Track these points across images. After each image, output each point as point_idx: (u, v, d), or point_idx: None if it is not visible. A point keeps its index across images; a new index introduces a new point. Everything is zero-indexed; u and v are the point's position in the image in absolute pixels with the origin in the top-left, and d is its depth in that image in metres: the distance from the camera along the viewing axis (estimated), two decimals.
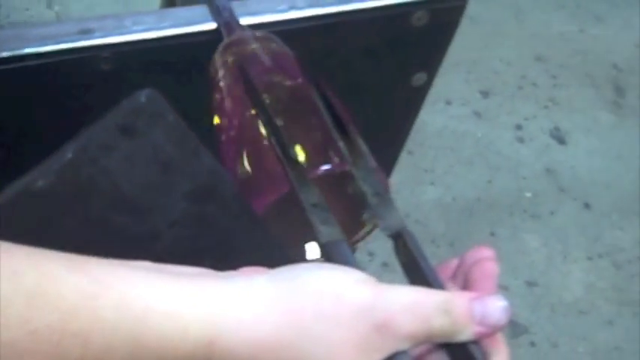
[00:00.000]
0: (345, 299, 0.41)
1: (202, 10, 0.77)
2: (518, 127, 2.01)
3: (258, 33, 0.72)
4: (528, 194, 1.87)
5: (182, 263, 0.57)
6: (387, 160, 0.96)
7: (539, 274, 1.72)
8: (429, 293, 0.43)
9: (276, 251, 0.61)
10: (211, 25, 0.75)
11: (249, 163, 0.62)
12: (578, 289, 1.71)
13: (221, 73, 0.69)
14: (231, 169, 0.63)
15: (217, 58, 0.70)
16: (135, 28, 0.75)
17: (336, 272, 0.43)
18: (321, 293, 0.41)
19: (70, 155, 0.60)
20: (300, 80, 0.66)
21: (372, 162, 0.58)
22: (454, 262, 0.49)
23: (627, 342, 1.63)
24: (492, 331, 0.43)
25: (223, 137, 0.66)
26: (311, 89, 0.63)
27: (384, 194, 0.51)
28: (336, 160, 0.58)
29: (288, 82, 0.66)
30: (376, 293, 0.42)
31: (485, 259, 0.47)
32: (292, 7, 0.79)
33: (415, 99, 0.90)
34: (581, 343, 1.62)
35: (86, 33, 0.74)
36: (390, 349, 0.41)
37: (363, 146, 0.59)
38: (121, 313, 0.39)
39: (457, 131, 1.96)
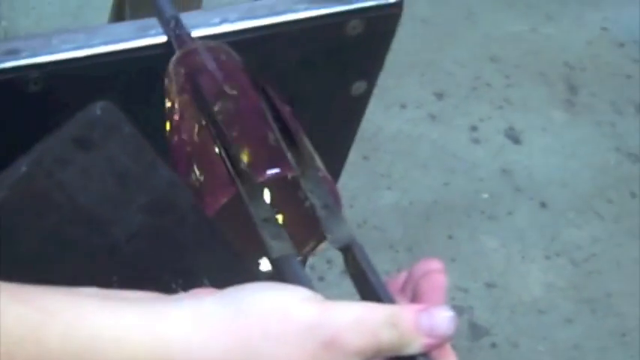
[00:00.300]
0: (291, 318, 0.41)
1: (133, 25, 0.76)
2: (474, 129, 2.01)
3: (211, 44, 0.71)
4: (485, 195, 1.88)
5: (141, 277, 0.56)
6: (332, 170, 0.95)
7: (498, 275, 1.72)
8: (376, 307, 0.43)
9: (236, 264, 0.60)
10: (155, 40, 0.74)
11: (200, 167, 0.61)
12: (536, 288, 1.71)
13: (174, 84, 0.68)
14: (182, 173, 0.63)
15: (171, 70, 0.69)
16: (63, 46, 0.73)
17: (282, 292, 0.43)
18: (267, 313, 0.41)
19: (24, 169, 0.59)
20: (248, 90, 0.65)
21: (321, 172, 0.57)
22: (403, 276, 0.49)
23: (586, 339, 1.64)
24: (441, 342, 0.43)
25: (174, 141, 0.65)
26: (259, 99, 0.62)
27: (332, 206, 0.51)
28: (285, 165, 0.57)
29: (236, 92, 0.65)
30: (322, 310, 0.42)
31: (434, 272, 0.47)
32: (224, 21, 0.77)
33: (356, 107, 0.89)
34: (542, 342, 1.63)
35: (12, 54, 0.72)
36: None
37: (313, 157, 0.59)
38: (67, 342, 0.38)
39: (412, 135, 1.96)
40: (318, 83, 0.85)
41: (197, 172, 0.62)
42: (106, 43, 0.74)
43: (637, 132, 2.09)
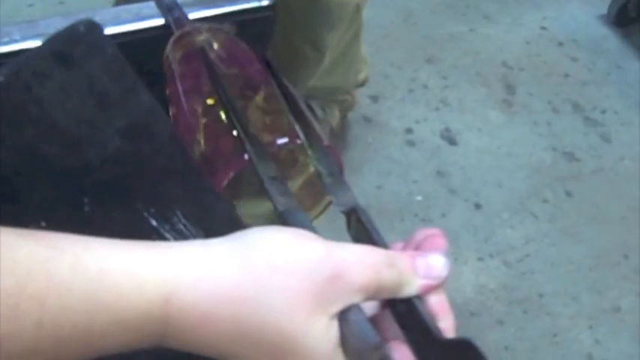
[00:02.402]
0: (298, 253, 0.42)
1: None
2: (409, 131, 2.00)
3: (207, 25, 0.72)
4: (419, 198, 1.86)
5: (113, 201, 0.57)
6: None
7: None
8: (376, 249, 0.46)
9: (210, 195, 0.60)
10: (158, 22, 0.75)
11: (204, 147, 0.63)
12: (468, 290, 1.70)
13: (174, 65, 0.69)
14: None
15: (169, 50, 0.70)
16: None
17: (289, 231, 0.45)
18: (275, 248, 0.43)
19: (0, 78, 0.58)
20: (247, 66, 0.68)
21: (326, 142, 0.61)
22: (399, 244, 0.51)
23: (517, 340, 1.63)
24: (436, 283, 0.46)
25: (179, 124, 0.66)
26: (265, 76, 0.65)
27: (337, 174, 0.55)
28: (292, 135, 0.60)
29: (236, 69, 0.68)
30: (328, 247, 0.43)
31: (435, 235, 0.50)
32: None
33: None
34: None
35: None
36: (344, 301, 0.43)
37: (318, 129, 0.62)
38: (76, 273, 0.39)
39: (346, 137, 1.95)
40: None
41: (201, 149, 0.63)
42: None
43: (573, 131, 2.09)
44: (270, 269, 0.42)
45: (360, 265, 0.43)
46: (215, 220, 0.60)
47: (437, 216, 1.83)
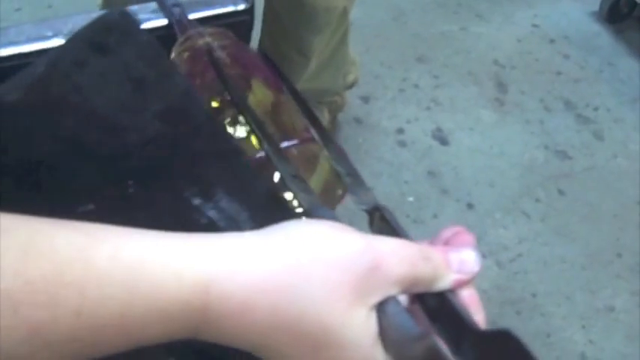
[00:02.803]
0: (338, 245, 0.42)
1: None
2: (400, 131, 1.99)
3: (211, 29, 0.72)
4: (411, 199, 1.85)
5: (156, 182, 0.58)
6: None
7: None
8: (411, 243, 0.46)
9: (249, 177, 0.60)
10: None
11: None
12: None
13: (180, 67, 0.69)
14: None
15: (174, 54, 0.70)
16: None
17: (324, 223, 0.44)
18: (315, 239, 0.42)
19: (41, 69, 0.59)
20: (252, 69, 0.68)
21: (340, 147, 0.61)
22: (425, 242, 0.50)
23: None
24: (469, 278, 0.46)
25: None
26: (274, 79, 0.66)
27: (355, 174, 0.55)
28: (303, 136, 0.61)
29: (240, 71, 0.68)
30: (367, 239, 0.43)
31: (462, 232, 0.50)
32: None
33: None
34: None
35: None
36: (381, 293, 0.42)
37: (330, 131, 0.62)
38: (115, 262, 0.39)
39: (337, 139, 1.93)
40: None
41: None
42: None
43: (566, 129, 2.08)
44: (310, 260, 0.41)
45: (397, 257, 0.43)
46: (255, 196, 0.60)
47: (429, 217, 1.82)
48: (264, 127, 0.58)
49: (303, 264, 0.41)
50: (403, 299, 0.47)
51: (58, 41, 0.71)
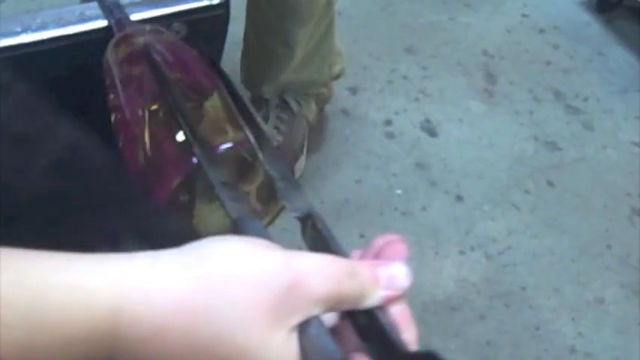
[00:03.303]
0: (254, 262, 0.40)
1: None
2: (388, 123, 1.97)
3: (148, 27, 0.70)
4: (399, 191, 1.84)
5: (55, 240, 0.53)
6: None
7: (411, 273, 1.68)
8: (337, 259, 0.44)
9: (160, 218, 0.58)
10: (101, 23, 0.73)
11: (149, 152, 0.61)
12: (450, 285, 1.68)
13: (114, 69, 0.66)
14: (131, 162, 0.62)
15: (109, 54, 0.67)
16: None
17: (243, 240, 0.42)
18: (230, 257, 0.41)
19: None
20: (192, 69, 0.65)
21: (278, 147, 0.61)
22: (357, 253, 0.49)
23: (499, 335, 1.60)
24: (398, 295, 0.45)
25: (122, 131, 0.64)
26: (209, 76, 0.63)
27: (290, 178, 0.52)
28: (237, 139, 0.59)
29: (178, 73, 0.65)
30: (286, 256, 0.42)
31: (395, 241, 0.48)
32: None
33: None
34: (454, 340, 1.59)
35: None
36: (303, 312, 0.41)
37: (268, 133, 0.59)
38: (19, 290, 0.37)
39: (324, 131, 1.91)
40: None
41: (146, 154, 0.60)
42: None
43: (555, 119, 2.06)
44: (225, 279, 0.40)
45: (320, 275, 0.41)
46: (169, 236, 0.57)
47: (417, 209, 1.80)
48: (196, 129, 0.56)
49: (217, 284, 0.40)
50: (332, 315, 0.46)
51: (26, 37, 0.69)
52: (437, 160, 1.91)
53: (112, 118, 0.65)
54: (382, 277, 0.44)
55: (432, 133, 1.97)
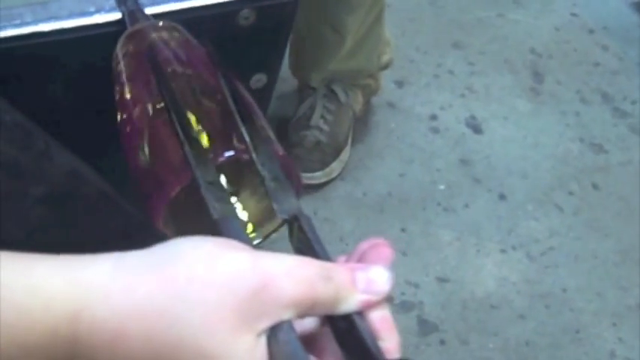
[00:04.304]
0: (220, 262, 0.39)
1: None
2: (433, 118, 1.96)
3: (162, 22, 0.68)
4: (442, 187, 1.83)
5: None
6: None
7: (451, 269, 1.68)
8: (311, 261, 0.42)
9: (159, 242, 0.56)
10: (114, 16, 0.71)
11: (151, 155, 0.59)
12: (490, 283, 1.67)
13: (122, 63, 0.65)
14: (132, 161, 0.60)
15: (120, 49, 0.66)
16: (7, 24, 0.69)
17: (211, 241, 0.41)
18: (194, 258, 0.39)
19: None
20: (202, 68, 0.63)
21: (276, 148, 0.57)
22: (342, 258, 0.48)
23: (538, 336, 1.59)
24: (377, 299, 0.42)
25: (127, 130, 0.62)
26: (216, 77, 0.61)
27: (282, 180, 0.51)
28: (240, 147, 0.57)
29: (190, 71, 0.64)
30: (254, 257, 0.40)
31: (380, 245, 0.46)
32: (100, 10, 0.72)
33: (257, 101, 0.84)
34: (492, 339, 1.58)
35: None
36: (272, 317, 0.39)
37: (268, 132, 0.59)
38: None
39: (369, 123, 1.91)
40: None
41: (147, 157, 0.59)
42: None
43: (602, 122, 2.04)
44: (187, 281, 0.38)
45: (290, 278, 0.39)
46: None
47: (460, 206, 1.80)
48: (190, 129, 0.54)
49: (179, 285, 0.38)
50: (312, 320, 0.44)
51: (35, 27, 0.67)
52: (481, 158, 1.90)
53: (118, 116, 0.63)
54: (360, 280, 0.42)
55: (476, 129, 1.96)
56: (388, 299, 0.43)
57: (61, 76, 0.68)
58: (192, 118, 0.57)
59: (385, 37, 1.77)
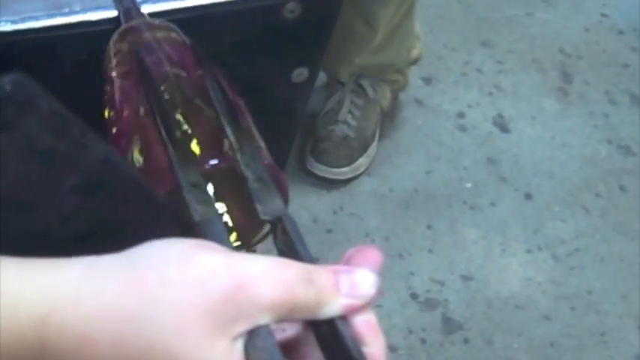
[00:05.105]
0: (192, 262, 0.37)
1: None
2: (461, 115, 1.95)
3: (157, 21, 0.68)
4: (468, 185, 1.82)
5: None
6: (276, 159, 0.90)
7: (477, 268, 1.67)
8: (290, 262, 0.40)
9: (183, 235, 0.56)
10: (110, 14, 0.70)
11: (140, 156, 0.58)
12: (515, 283, 1.66)
13: (114, 62, 0.64)
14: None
15: (112, 47, 0.66)
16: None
17: (185, 242, 0.39)
18: (165, 259, 0.38)
19: None
20: (195, 71, 0.62)
21: (263, 156, 0.56)
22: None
23: (563, 337, 1.59)
24: (360, 304, 0.40)
25: (114, 130, 0.61)
26: (203, 77, 0.59)
27: (266, 180, 0.49)
28: (229, 153, 0.55)
29: (183, 73, 0.62)
30: (229, 257, 0.38)
31: (369, 249, 0.44)
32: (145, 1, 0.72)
33: (298, 95, 0.84)
34: (517, 339, 1.58)
35: None
36: (248, 321, 0.37)
37: (252, 132, 0.58)
38: None
39: (396, 119, 1.90)
40: (256, 69, 0.80)
41: (135, 159, 0.58)
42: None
43: (630, 124, 2.02)
44: (158, 282, 0.36)
45: (268, 280, 0.37)
46: None
47: (486, 204, 1.79)
48: (174, 129, 0.53)
49: (150, 287, 0.36)
50: (295, 324, 0.43)
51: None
52: (508, 157, 1.89)
53: (105, 113, 0.63)
54: (343, 284, 0.40)
55: (504, 128, 1.95)
56: (373, 303, 0.41)
57: (55, 74, 0.67)
58: (181, 121, 0.55)
59: (415, 32, 1.76)
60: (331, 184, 1.74)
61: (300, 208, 1.69)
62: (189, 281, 0.36)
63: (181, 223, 0.55)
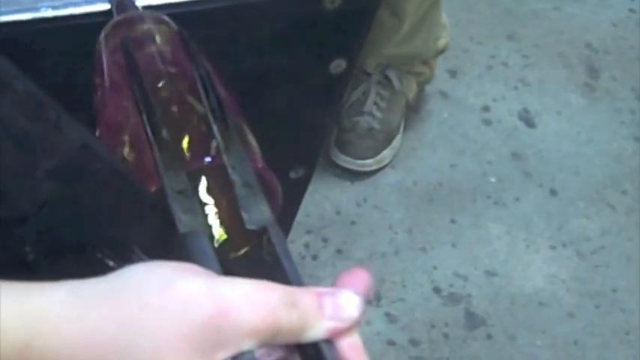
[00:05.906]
0: (174, 288, 0.37)
1: None
2: (486, 109, 1.94)
3: (150, 14, 0.65)
4: (493, 179, 1.81)
5: (58, 247, 0.52)
6: (309, 151, 0.90)
7: (500, 263, 1.66)
8: (272, 285, 0.39)
9: (170, 233, 0.53)
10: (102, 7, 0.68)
11: (127, 153, 0.57)
12: (539, 279, 1.65)
13: (105, 56, 0.62)
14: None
15: (102, 39, 0.64)
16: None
17: (168, 266, 0.39)
18: (147, 285, 0.37)
19: None
20: (186, 66, 0.59)
21: (255, 158, 0.54)
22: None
23: (587, 335, 1.57)
24: (345, 327, 0.39)
25: (103, 126, 0.60)
26: (193, 74, 0.57)
27: (254, 186, 0.48)
28: (214, 156, 0.53)
29: (174, 69, 0.60)
30: (210, 282, 0.38)
31: (358, 271, 0.43)
32: None
33: (335, 87, 0.83)
34: (540, 336, 1.57)
35: None
36: (230, 347, 0.36)
37: (243, 133, 0.55)
38: None
39: (421, 112, 1.89)
40: (294, 60, 0.80)
41: (124, 155, 0.57)
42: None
43: None
44: (139, 308, 0.36)
45: (250, 304, 0.37)
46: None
47: (510, 199, 1.77)
48: (160, 130, 0.51)
49: (130, 313, 0.36)
50: (280, 347, 0.42)
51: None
52: (533, 152, 1.88)
53: (96, 108, 0.61)
54: (327, 306, 0.39)
55: (529, 123, 1.93)
56: (359, 323, 0.40)
57: (46, 66, 0.66)
58: (170, 119, 0.54)
59: (442, 21, 1.75)
60: (355, 175, 1.73)
61: (324, 199, 1.68)
62: (169, 307, 0.36)
63: (161, 213, 0.53)
